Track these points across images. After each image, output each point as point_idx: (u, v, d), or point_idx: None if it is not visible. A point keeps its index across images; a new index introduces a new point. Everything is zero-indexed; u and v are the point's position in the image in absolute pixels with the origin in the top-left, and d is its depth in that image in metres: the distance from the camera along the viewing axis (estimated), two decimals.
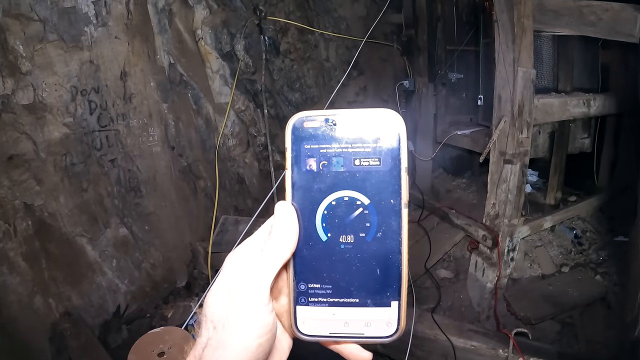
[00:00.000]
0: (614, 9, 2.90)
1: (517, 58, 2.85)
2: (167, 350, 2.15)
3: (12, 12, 2.75)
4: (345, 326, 0.50)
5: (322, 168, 0.50)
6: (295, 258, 0.51)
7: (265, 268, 0.48)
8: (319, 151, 0.50)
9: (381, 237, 0.49)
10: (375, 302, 0.50)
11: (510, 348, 2.54)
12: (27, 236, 2.89)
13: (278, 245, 0.49)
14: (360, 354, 0.52)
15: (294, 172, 0.51)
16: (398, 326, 0.50)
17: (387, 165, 0.49)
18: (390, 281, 0.49)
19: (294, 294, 0.51)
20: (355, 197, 0.50)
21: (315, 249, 0.50)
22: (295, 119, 0.51)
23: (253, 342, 0.46)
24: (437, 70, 4.07)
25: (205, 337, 0.48)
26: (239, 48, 3.88)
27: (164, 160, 3.63)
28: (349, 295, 0.50)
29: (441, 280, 3.50)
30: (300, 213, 0.50)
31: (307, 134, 0.51)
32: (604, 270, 3.27)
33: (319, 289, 0.51)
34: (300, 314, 0.51)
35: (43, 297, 2.95)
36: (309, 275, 0.51)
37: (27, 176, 2.88)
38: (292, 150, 0.51)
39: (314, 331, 0.51)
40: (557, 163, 3.56)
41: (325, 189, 0.50)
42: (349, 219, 0.50)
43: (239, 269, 0.49)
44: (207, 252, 3.62)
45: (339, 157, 0.50)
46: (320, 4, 4.39)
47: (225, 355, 0.45)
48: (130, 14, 3.29)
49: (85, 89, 3.10)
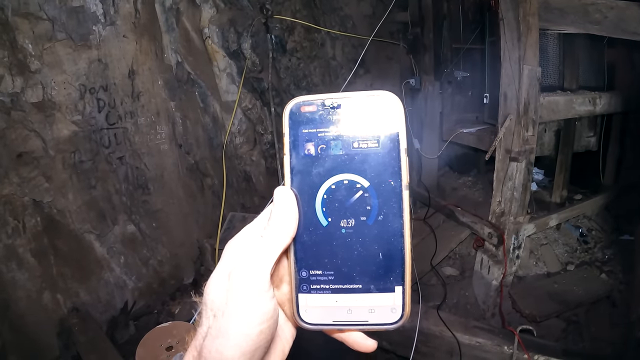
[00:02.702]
0: (619, 7, 2.90)
1: (522, 56, 2.85)
2: (175, 344, 2.18)
3: (21, 11, 2.77)
4: (348, 313, 0.49)
5: (321, 152, 0.50)
6: (295, 244, 0.50)
7: (265, 254, 0.47)
8: (317, 135, 0.50)
9: (382, 220, 0.48)
10: (378, 287, 0.49)
11: (515, 345, 2.55)
12: (36, 233, 2.92)
13: (277, 231, 0.48)
14: (364, 342, 0.51)
15: (292, 157, 0.50)
16: (403, 312, 0.48)
17: (386, 147, 0.49)
18: (394, 265, 0.48)
19: (296, 282, 0.50)
20: (355, 180, 0.49)
21: (315, 235, 0.49)
22: (292, 104, 0.51)
23: (254, 329, 0.45)
24: (443, 69, 4.08)
25: (205, 326, 0.47)
26: (245, 46, 3.90)
27: (171, 158, 3.66)
28: (351, 281, 0.49)
29: (447, 278, 3.50)
30: (299, 198, 0.49)
31: (304, 118, 0.50)
32: (609, 269, 3.26)
33: (321, 276, 0.50)
34: (303, 301, 0.50)
35: (51, 293, 2.98)
36: (311, 262, 0.50)
37: (36, 173, 2.91)
38: (289, 135, 0.50)
39: (317, 319, 0.50)
40: (563, 161, 3.56)
41: (324, 173, 0.49)
42: (349, 203, 0.49)
43: (238, 256, 0.48)
44: (214, 248, 3.64)
45: (337, 140, 0.49)
46: (327, 3, 4.41)
47: (226, 344, 0.44)
48: (138, 13, 3.31)
49: (94, 87, 3.12)
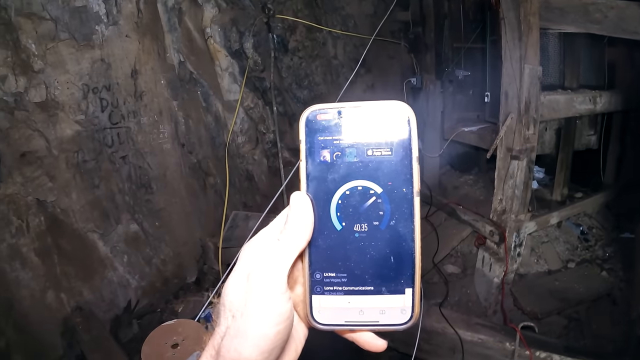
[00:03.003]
0: (619, 7, 2.91)
1: (523, 55, 2.87)
2: (181, 342, 2.19)
3: (24, 11, 2.78)
4: (360, 314, 0.51)
5: (336, 159, 0.51)
6: (310, 247, 0.51)
7: (282, 257, 0.48)
8: (332, 142, 0.51)
9: (394, 225, 0.50)
10: (389, 289, 0.50)
11: (517, 341, 2.57)
12: (39, 232, 2.93)
13: (294, 234, 0.49)
14: (375, 342, 0.52)
15: (308, 164, 0.52)
16: (412, 313, 0.50)
17: (399, 155, 0.50)
18: (404, 268, 0.50)
19: (310, 283, 0.51)
20: (368, 186, 0.50)
21: (330, 238, 0.51)
22: (309, 112, 0.52)
23: (271, 329, 0.46)
24: (444, 68, 4.09)
25: (224, 326, 0.48)
26: (247, 46, 3.91)
27: (174, 157, 3.66)
28: (363, 283, 0.51)
29: (449, 276, 3.52)
30: (315, 203, 0.51)
31: (320, 126, 0.52)
32: (610, 267, 3.28)
33: (334, 278, 0.51)
34: (316, 303, 0.51)
35: (55, 292, 2.99)
36: (324, 264, 0.51)
37: (39, 173, 2.92)
38: (306, 142, 0.52)
39: (330, 320, 0.51)
40: (564, 159, 3.57)
41: (339, 179, 0.51)
42: (363, 208, 0.50)
43: (256, 258, 0.49)
44: (217, 247, 3.65)
45: (352, 148, 0.51)
46: (328, 2, 4.41)
47: (244, 344, 0.46)
48: (141, 13, 3.32)
49: (97, 86, 3.13)
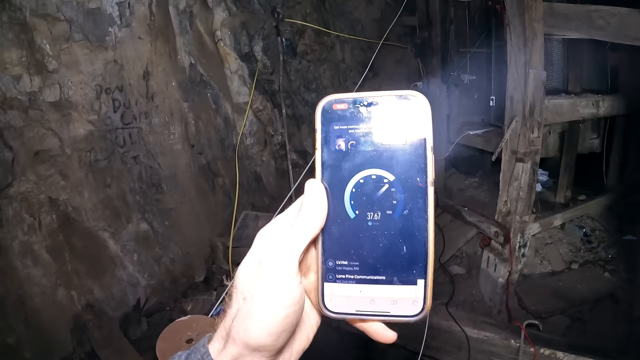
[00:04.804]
0: (621, 14, 2.94)
1: (528, 60, 2.92)
2: (195, 337, 2.22)
3: (40, 12, 2.84)
4: (371, 304, 0.50)
5: (351, 147, 0.51)
6: (323, 235, 0.51)
7: (294, 242, 0.49)
8: (347, 131, 0.51)
9: (408, 214, 0.50)
10: (401, 279, 0.50)
11: (522, 339, 2.60)
12: (51, 230, 2.97)
13: (307, 220, 0.50)
14: (385, 332, 0.52)
15: (323, 152, 0.52)
16: (424, 305, 0.50)
17: (414, 145, 0.51)
18: (417, 259, 0.50)
19: (322, 271, 0.51)
20: (382, 175, 0.50)
21: (343, 226, 0.51)
22: (325, 102, 0.53)
23: (281, 312, 0.47)
24: (450, 72, 4.12)
25: (235, 308, 0.50)
26: (257, 49, 3.96)
27: (184, 158, 3.71)
28: (375, 273, 0.50)
29: (454, 276, 3.54)
30: (329, 191, 0.51)
31: (336, 115, 0.52)
32: (612, 268, 3.31)
33: (347, 266, 0.51)
34: (328, 290, 0.51)
35: (66, 289, 3.03)
36: (337, 252, 0.51)
37: (52, 171, 2.97)
38: (321, 132, 0.52)
39: (341, 308, 0.51)
40: (567, 162, 3.61)
41: (353, 167, 0.51)
42: (376, 196, 0.50)
43: (269, 243, 0.50)
44: (226, 247, 3.68)
45: (366, 137, 0.51)
46: (337, 7, 4.47)
47: (253, 325, 0.47)
48: (153, 16, 3.38)
49: (110, 87, 3.18)
